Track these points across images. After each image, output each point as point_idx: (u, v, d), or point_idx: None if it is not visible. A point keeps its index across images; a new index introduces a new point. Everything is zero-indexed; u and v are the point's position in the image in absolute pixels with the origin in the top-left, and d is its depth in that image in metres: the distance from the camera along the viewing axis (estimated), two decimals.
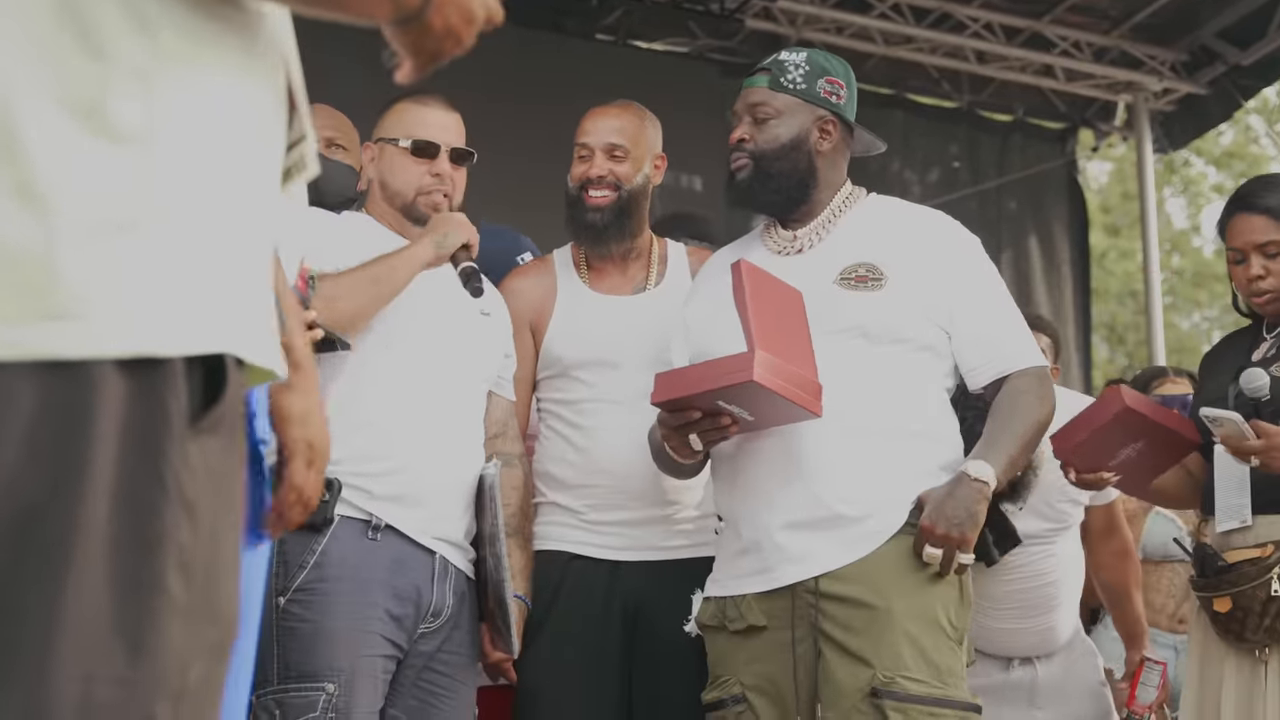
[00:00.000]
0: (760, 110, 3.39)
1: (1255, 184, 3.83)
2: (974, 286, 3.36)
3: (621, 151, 3.82)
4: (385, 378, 3.34)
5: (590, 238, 3.84)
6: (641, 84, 7.14)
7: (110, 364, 1.39)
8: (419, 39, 1.57)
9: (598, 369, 3.78)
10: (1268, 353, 3.69)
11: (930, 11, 9.29)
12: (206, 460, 1.46)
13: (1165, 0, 9.19)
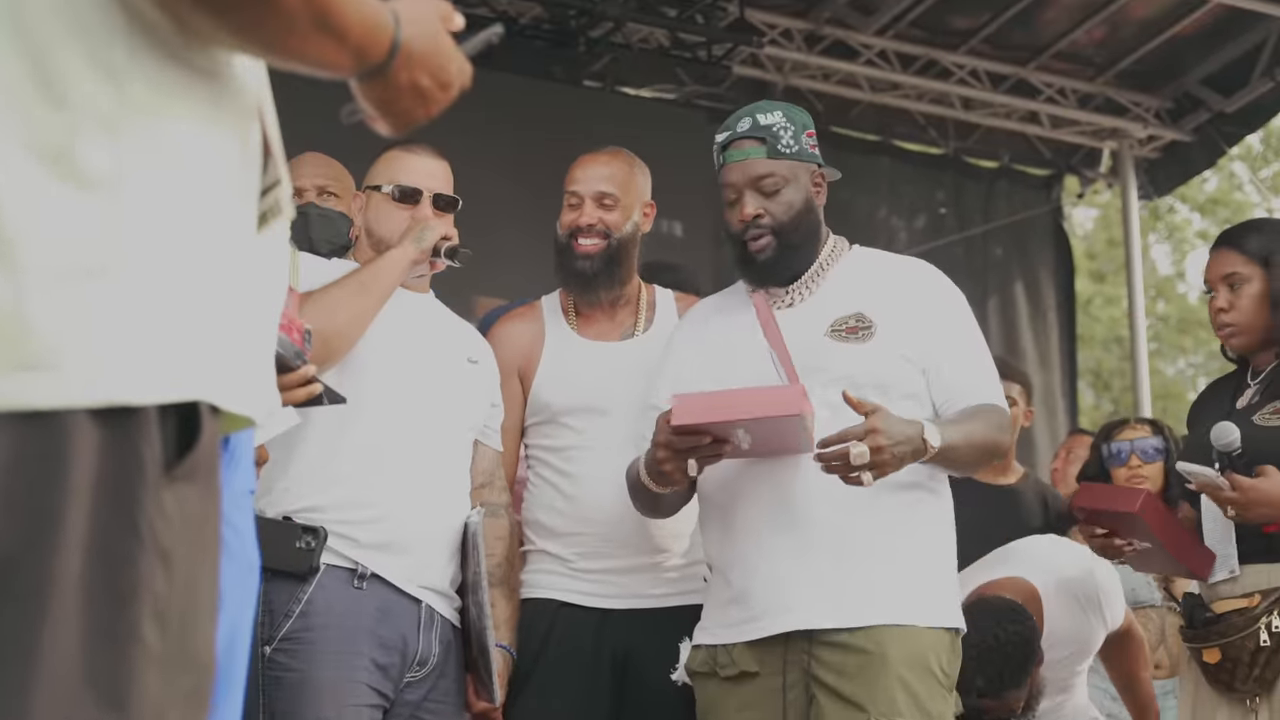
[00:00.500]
0: (767, 182, 3.31)
1: (1241, 224, 3.89)
2: (952, 334, 3.37)
3: (611, 200, 3.81)
4: (371, 425, 3.34)
5: (580, 285, 3.84)
6: (629, 130, 7.16)
7: (83, 413, 1.38)
8: (385, 96, 1.58)
9: (586, 415, 3.77)
10: (1252, 399, 3.68)
11: (916, 58, 9.33)
12: (182, 508, 1.46)
13: (1149, 47, 9.24)
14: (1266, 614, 3.49)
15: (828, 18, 8.92)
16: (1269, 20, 8.93)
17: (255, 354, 1.59)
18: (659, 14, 8.33)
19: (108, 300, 1.40)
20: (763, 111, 3.37)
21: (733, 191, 3.33)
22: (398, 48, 1.56)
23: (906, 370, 3.28)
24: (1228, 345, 3.77)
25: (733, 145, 3.33)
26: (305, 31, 1.47)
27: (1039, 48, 9.33)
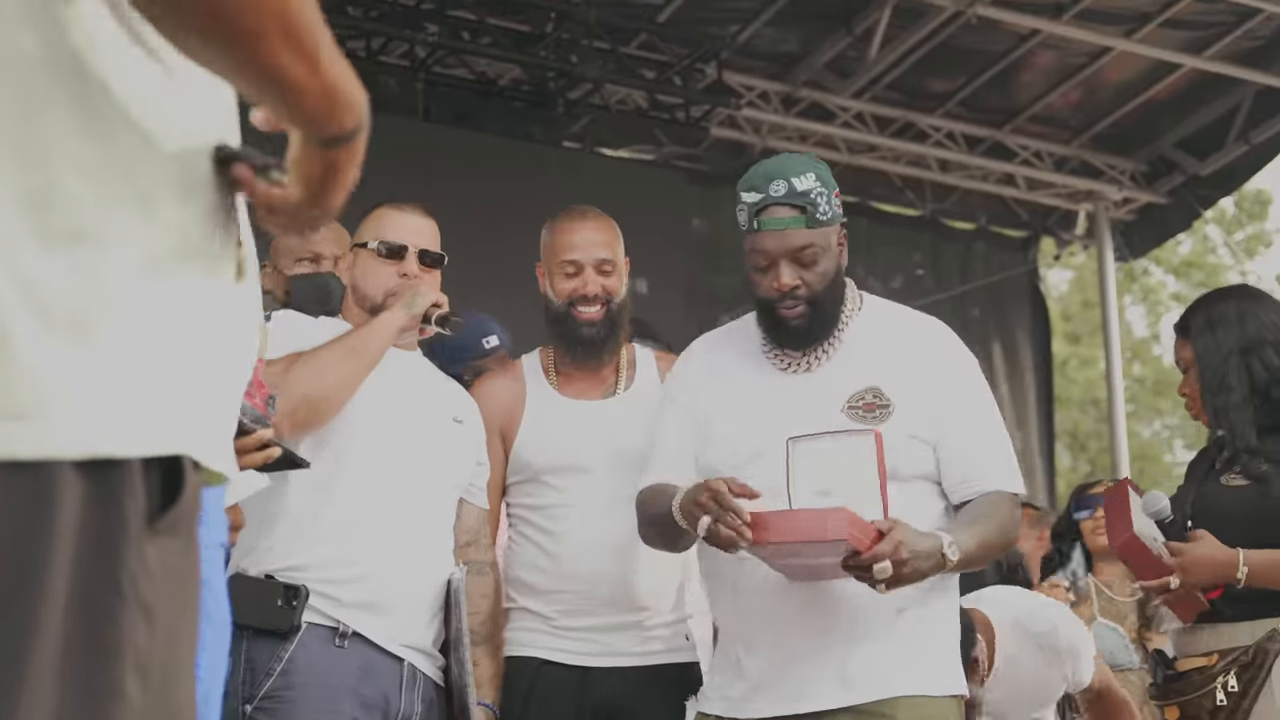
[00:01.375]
0: (806, 254, 3.19)
1: (1192, 305, 3.92)
2: (966, 410, 3.29)
3: (610, 266, 3.83)
4: (355, 483, 3.33)
5: (586, 352, 3.84)
6: (607, 190, 7.18)
7: (68, 465, 1.37)
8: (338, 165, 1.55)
9: (568, 474, 3.76)
10: (1222, 461, 3.72)
11: (893, 121, 9.39)
12: (164, 561, 1.45)
13: (1124, 111, 9.32)
14: (1224, 673, 3.51)
15: (805, 80, 8.98)
16: (1243, 85, 9.03)
17: (230, 411, 1.59)
18: (638, 76, 8.39)
19: (95, 353, 1.40)
20: (797, 174, 3.20)
21: (765, 259, 3.21)
22: (362, 127, 1.54)
23: (920, 451, 3.20)
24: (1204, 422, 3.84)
25: (767, 211, 3.19)
26: (273, 37, 1.43)
27: (1015, 111, 9.41)
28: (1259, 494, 3.56)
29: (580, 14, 7.94)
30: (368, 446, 3.35)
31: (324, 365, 3.25)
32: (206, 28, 1.41)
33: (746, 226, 3.22)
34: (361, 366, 3.31)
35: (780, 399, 3.22)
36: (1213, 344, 3.70)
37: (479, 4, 7.89)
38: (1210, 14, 8.44)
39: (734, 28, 8.52)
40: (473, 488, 3.62)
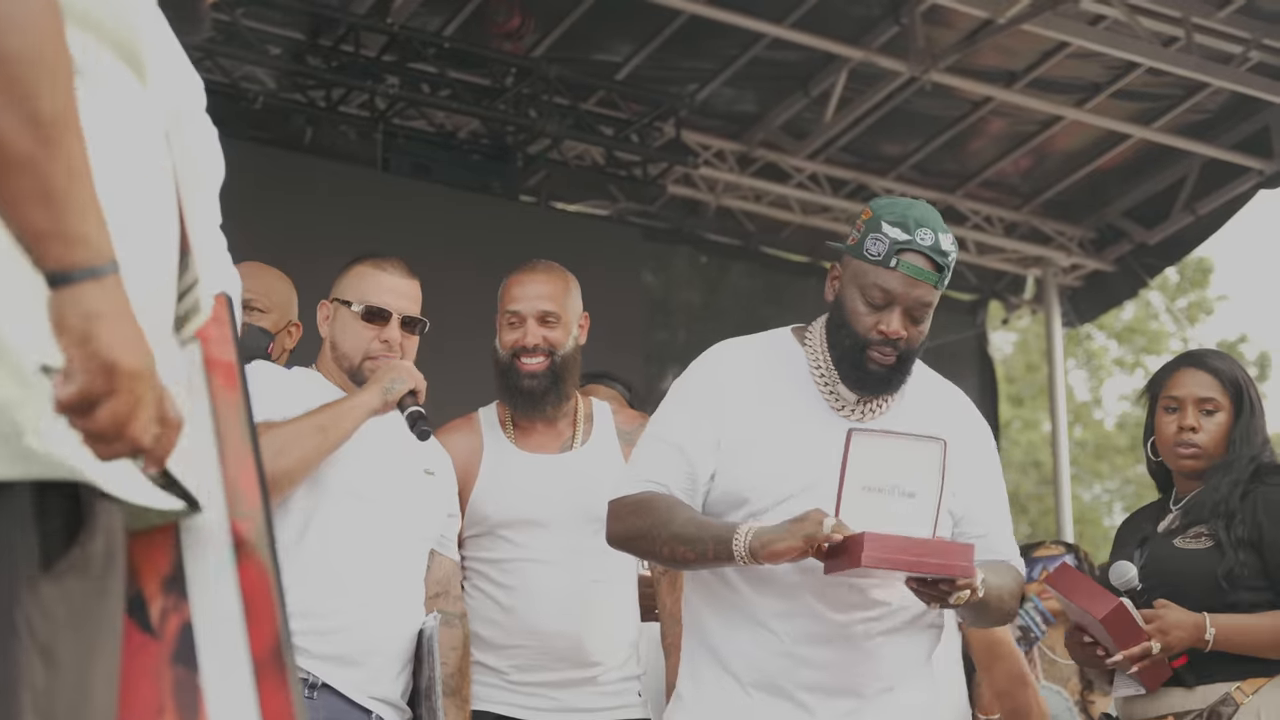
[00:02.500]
0: (924, 311, 3.11)
1: (1209, 350, 3.99)
2: (989, 487, 3.28)
3: (553, 318, 3.83)
4: (326, 536, 3.33)
5: (526, 404, 3.85)
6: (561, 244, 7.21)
7: None
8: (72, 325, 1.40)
9: (525, 528, 3.77)
10: (1172, 524, 3.76)
11: (846, 182, 9.48)
12: (70, 604, 1.43)
13: (1074, 179, 9.44)
14: None
15: (761, 140, 9.06)
16: (1189, 157, 9.17)
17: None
18: (596, 132, 8.44)
19: None
20: (944, 232, 3.13)
21: (885, 298, 3.06)
22: (93, 272, 1.41)
23: (947, 523, 3.15)
24: (1181, 465, 3.79)
25: (909, 255, 3.06)
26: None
27: (966, 176, 9.52)
28: (1217, 557, 3.60)
29: (540, 70, 7.99)
30: (340, 498, 3.35)
31: (288, 442, 3.25)
32: None
33: (879, 259, 3.05)
34: (326, 445, 3.30)
35: (833, 439, 3.01)
36: (1256, 427, 3.74)
37: (439, 57, 7.93)
38: (1159, 86, 8.57)
39: (692, 87, 8.59)
40: (444, 539, 3.62)
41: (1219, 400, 3.75)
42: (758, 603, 3.07)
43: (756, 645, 3.07)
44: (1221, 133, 8.98)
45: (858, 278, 3.09)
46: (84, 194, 1.40)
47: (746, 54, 8.30)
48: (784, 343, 3.26)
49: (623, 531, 3.14)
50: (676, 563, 3.12)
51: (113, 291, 1.40)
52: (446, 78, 7.97)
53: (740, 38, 8.15)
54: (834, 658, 3.06)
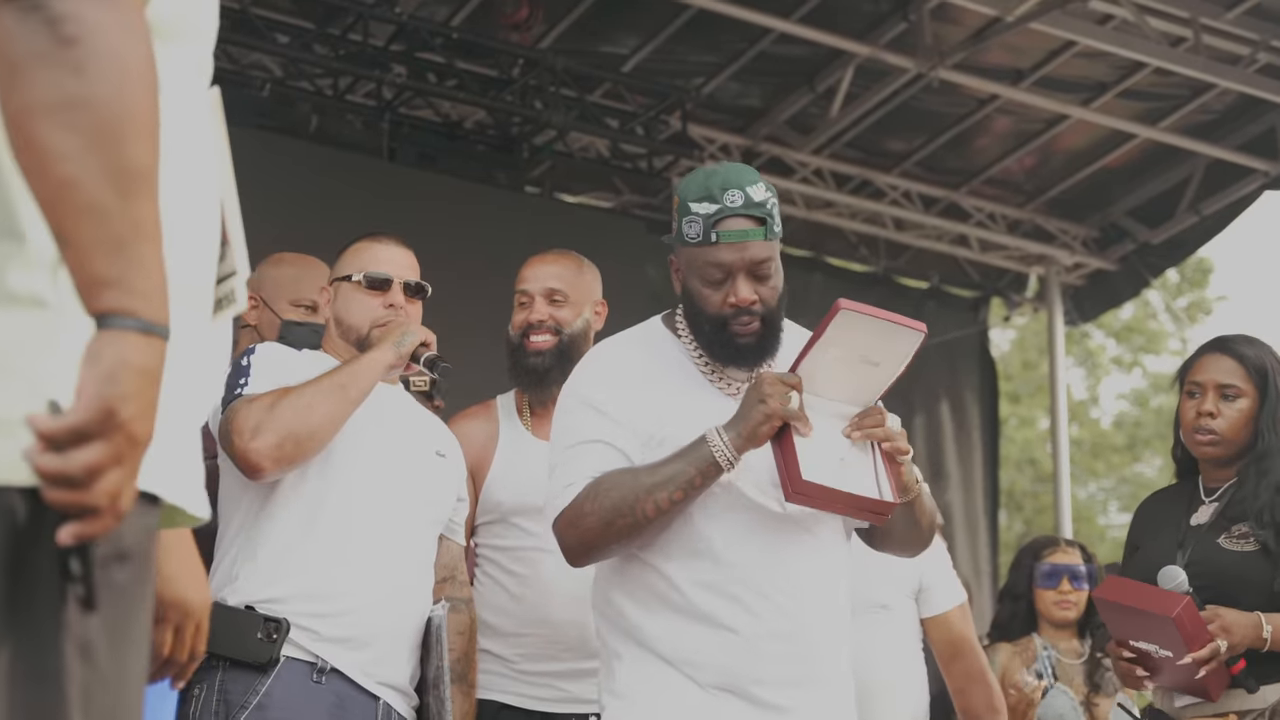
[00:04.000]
0: (763, 267, 3.03)
1: (1238, 335, 3.86)
2: None
3: (561, 296, 3.85)
4: (337, 517, 3.32)
5: (532, 382, 3.85)
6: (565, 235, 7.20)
7: (15, 491, 1.39)
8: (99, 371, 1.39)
9: (539, 516, 3.73)
10: (1212, 518, 3.69)
11: (851, 178, 9.48)
12: (109, 600, 1.44)
13: (1078, 178, 9.45)
14: None
15: (766, 134, 9.06)
16: (1194, 157, 9.17)
17: (190, 448, 1.59)
18: (602, 124, 8.44)
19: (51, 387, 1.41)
20: (751, 184, 3.04)
21: (720, 271, 3.00)
22: (145, 326, 1.40)
23: None
24: (1201, 451, 3.74)
25: (725, 223, 2.99)
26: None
27: (971, 173, 9.52)
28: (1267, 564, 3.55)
29: (547, 61, 7.99)
30: (351, 480, 3.35)
31: (310, 401, 3.24)
32: None
33: (700, 238, 3.00)
34: (348, 403, 3.30)
35: None
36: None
37: (447, 47, 7.92)
38: (1166, 86, 8.57)
39: (698, 80, 8.59)
40: (452, 524, 3.61)
41: (1241, 386, 3.69)
42: (701, 600, 3.00)
43: (711, 645, 2.99)
44: (1227, 133, 8.99)
45: (690, 264, 3.05)
46: (152, 252, 1.40)
47: (753, 48, 8.30)
48: (660, 334, 3.19)
49: (592, 526, 2.96)
50: (664, 513, 2.93)
51: (155, 354, 1.39)
52: (453, 68, 7.96)
53: (747, 32, 8.15)
54: (791, 650, 3.00)
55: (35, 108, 1.37)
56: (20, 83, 1.37)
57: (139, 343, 1.38)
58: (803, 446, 2.89)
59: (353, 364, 3.37)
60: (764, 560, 2.98)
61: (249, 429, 3.17)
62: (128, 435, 1.36)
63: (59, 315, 1.44)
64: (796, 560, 3.01)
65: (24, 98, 1.37)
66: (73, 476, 1.34)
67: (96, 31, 1.38)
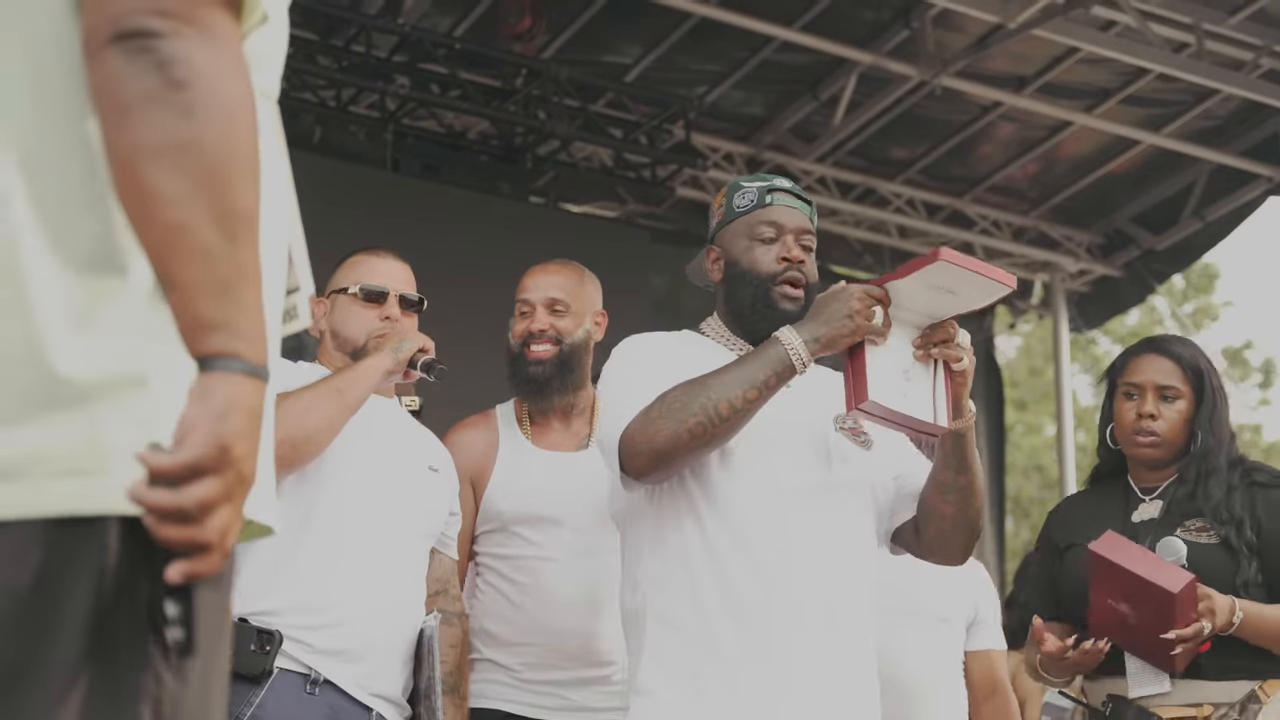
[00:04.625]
0: (807, 239, 3.13)
1: (1171, 336, 3.88)
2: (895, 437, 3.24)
3: (562, 306, 3.86)
4: (329, 530, 3.32)
5: (532, 391, 3.86)
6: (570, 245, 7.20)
7: (116, 520, 1.40)
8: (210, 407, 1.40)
9: (540, 525, 3.78)
10: (1157, 515, 3.66)
11: (855, 186, 9.49)
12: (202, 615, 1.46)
13: (1082, 184, 9.45)
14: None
15: (769, 143, 9.07)
16: (1198, 163, 9.18)
17: (265, 458, 1.60)
18: (605, 134, 8.44)
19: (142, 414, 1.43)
20: (785, 180, 3.23)
21: (774, 230, 3.09)
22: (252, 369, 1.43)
23: (891, 485, 3.19)
24: (1141, 453, 3.70)
25: (779, 194, 3.14)
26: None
27: (975, 180, 9.52)
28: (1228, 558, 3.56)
29: (550, 71, 8.00)
30: (343, 492, 3.35)
31: (308, 405, 3.26)
32: None
33: (754, 203, 3.11)
34: (345, 408, 3.31)
35: (779, 397, 2.98)
36: (1219, 418, 3.67)
37: (450, 58, 7.93)
38: (1169, 93, 8.58)
39: (701, 89, 8.60)
40: (444, 537, 3.62)
41: (1179, 388, 3.68)
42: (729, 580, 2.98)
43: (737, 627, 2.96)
44: (1231, 139, 8.99)
45: (742, 233, 3.12)
46: (254, 295, 1.42)
47: (756, 57, 8.31)
48: (693, 338, 3.23)
49: (663, 430, 2.88)
50: (736, 413, 2.88)
51: (259, 396, 1.41)
52: (456, 78, 7.97)
53: (749, 40, 8.16)
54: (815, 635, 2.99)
55: (144, 149, 1.38)
56: (130, 124, 1.39)
57: (246, 384, 1.40)
58: (872, 362, 2.90)
59: (351, 369, 3.39)
60: (792, 540, 2.98)
61: None
62: (238, 473, 1.38)
63: (158, 352, 1.45)
64: (825, 538, 3.02)
65: (133, 139, 1.38)
66: (188, 511, 1.35)
67: (205, 75, 1.40)
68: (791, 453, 3.04)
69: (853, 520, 3.09)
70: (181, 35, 1.40)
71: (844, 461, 3.09)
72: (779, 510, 2.99)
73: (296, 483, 3.30)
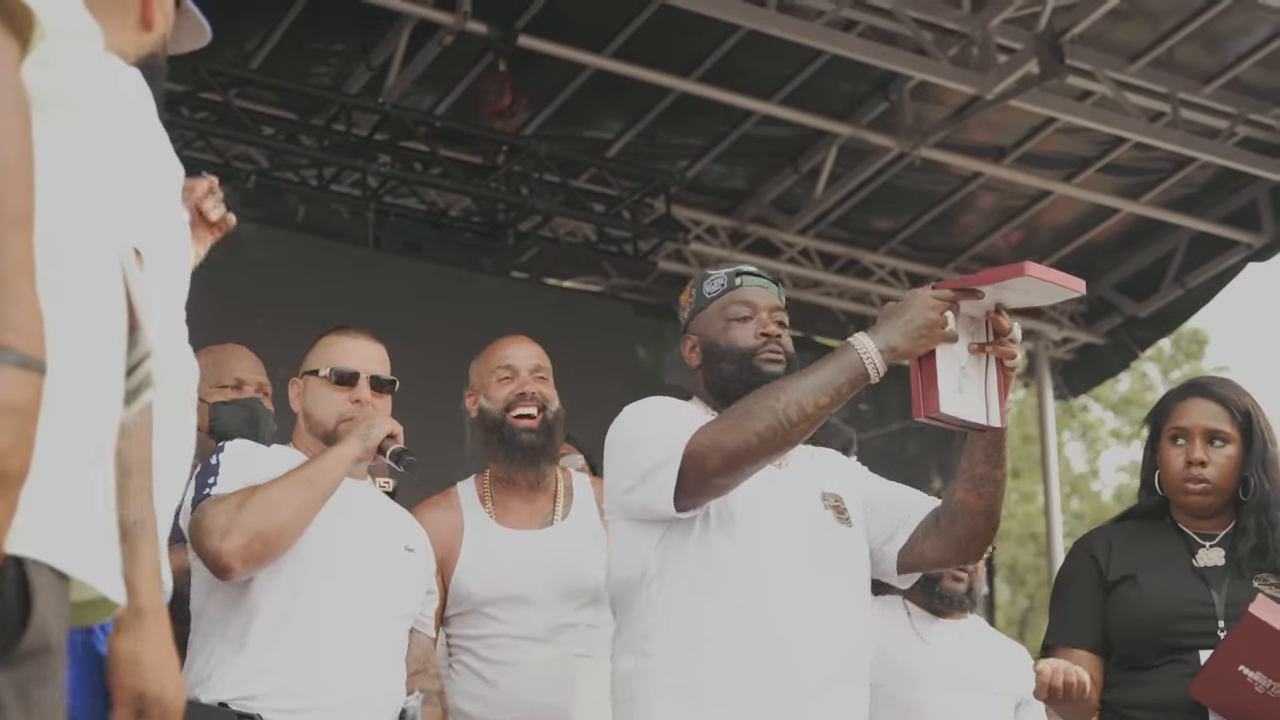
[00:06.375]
0: (780, 315, 3.24)
1: (1214, 378, 3.73)
2: (875, 480, 3.37)
3: (544, 374, 3.89)
4: (310, 614, 3.31)
5: (523, 459, 3.84)
6: (555, 320, 7.23)
7: None
8: None
9: (509, 605, 3.77)
10: (1221, 563, 3.53)
11: (838, 257, 9.52)
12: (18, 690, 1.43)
13: (1064, 253, 9.48)
14: None
15: (752, 216, 9.11)
16: (1178, 230, 9.23)
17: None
18: (587, 209, 8.48)
19: None
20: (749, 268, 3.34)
21: (748, 309, 3.20)
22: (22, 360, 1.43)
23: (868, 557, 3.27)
24: (1192, 501, 3.56)
25: (744, 275, 3.26)
26: None
27: (957, 249, 9.56)
28: None
29: (531, 147, 8.04)
30: (321, 578, 3.34)
31: (278, 499, 3.25)
32: None
33: (725, 287, 3.23)
34: (317, 498, 3.31)
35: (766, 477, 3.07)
36: (1271, 460, 3.54)
37: (431, 135, 7.98)
38: (1147, 161, 8.64)
39: (682, 163, 8.65)
40: (422, 616, 3.62)
41: (1228, 431, 3.53)
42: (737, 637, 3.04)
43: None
44: (1209, 206, 9.05)
45: (716, 315, 3.22)
46: (27, 289, 1.40)
47: (736, 130, 8.37)
48: (694, 406, 3.28)
49: (737, 438, 2.90)
50: (808, 419, 2.88)
51: (29, 388, 1.39)
52: (438, 156, 8.02)
53: (730, 114, 8.21)
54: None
55: None
56: None
57: (14, 377, 1.37)
58: (942, 368, 2.92)
59: (319, 459, 3.38)
60: (802, 611, 3.05)
61: (218, 530, 3.18)
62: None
63: None
64: (832, 609, 3.10)
65: None
66: None
67: None
68: (794, 527, 3.12)
69: (852, 591, 3.17)
70: None
71: (838, 537, 3.17)
72: (786, 585, 3.06)
73: (275, 570, 3.30)
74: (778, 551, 3.08)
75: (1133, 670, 3.55)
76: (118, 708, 1.92)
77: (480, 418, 3.91)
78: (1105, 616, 3.59)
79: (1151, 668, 3.52)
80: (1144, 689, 3.52)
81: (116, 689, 1.92)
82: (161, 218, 1.79)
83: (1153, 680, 3.51)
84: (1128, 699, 3.55)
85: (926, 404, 2.92)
